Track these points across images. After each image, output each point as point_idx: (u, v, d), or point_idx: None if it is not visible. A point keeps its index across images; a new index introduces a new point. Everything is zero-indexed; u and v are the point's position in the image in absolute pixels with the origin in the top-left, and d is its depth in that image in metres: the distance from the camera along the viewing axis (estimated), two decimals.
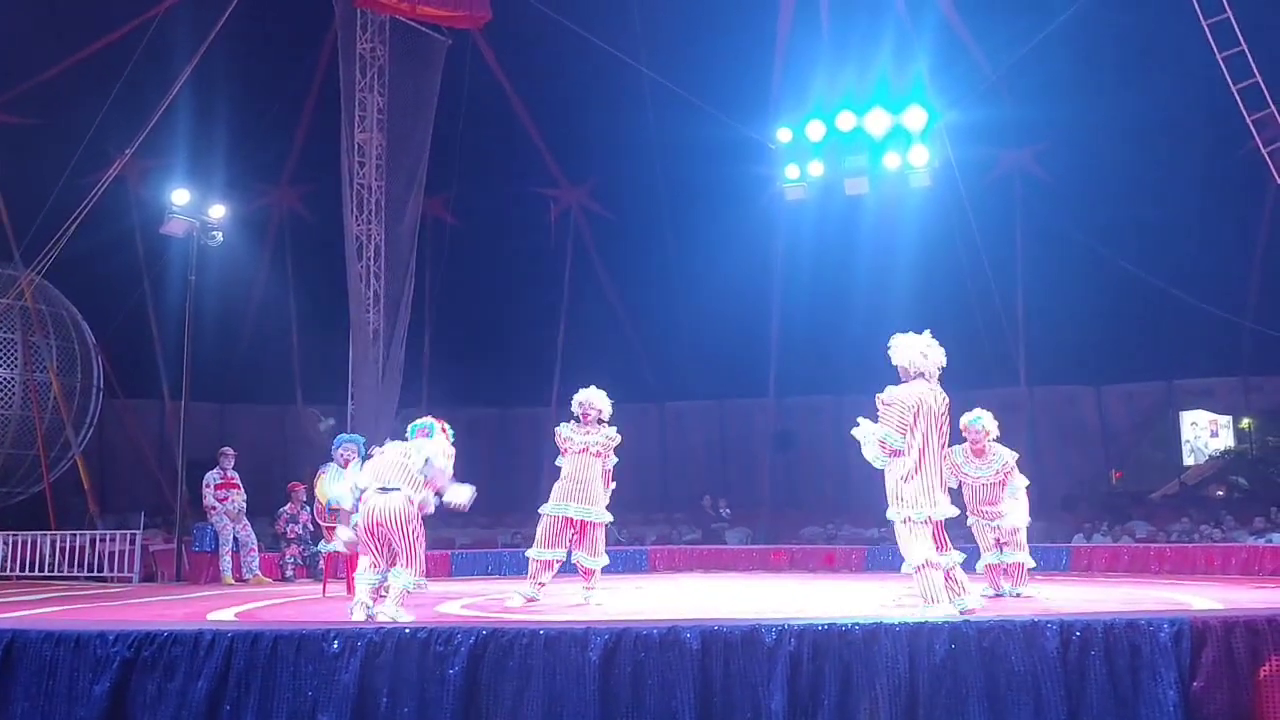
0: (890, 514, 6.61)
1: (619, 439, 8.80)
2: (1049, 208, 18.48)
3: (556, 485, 8.66)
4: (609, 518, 8.81)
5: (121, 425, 18.98)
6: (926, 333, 6.87)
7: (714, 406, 22.56)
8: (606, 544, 9.02)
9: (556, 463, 8.86)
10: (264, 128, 18.12)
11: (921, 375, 6.71)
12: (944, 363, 6.81)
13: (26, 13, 15.50)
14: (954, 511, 6.70)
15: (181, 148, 16.34)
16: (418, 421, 7.50)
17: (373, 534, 6.86)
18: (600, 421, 8.78)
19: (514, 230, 21.14)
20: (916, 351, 6.75)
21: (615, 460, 8.82)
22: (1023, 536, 9.06)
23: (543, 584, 8.58)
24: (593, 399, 8.79)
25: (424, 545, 6.95)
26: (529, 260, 21.40)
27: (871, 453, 6.59)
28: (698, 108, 16.78)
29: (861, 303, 18.00)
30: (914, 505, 6.46)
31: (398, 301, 16.31)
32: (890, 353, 6.88)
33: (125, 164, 14.35)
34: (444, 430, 7.45)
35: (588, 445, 8.60)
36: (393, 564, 6.85)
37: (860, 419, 6.74)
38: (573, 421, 8.79)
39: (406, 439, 7.35)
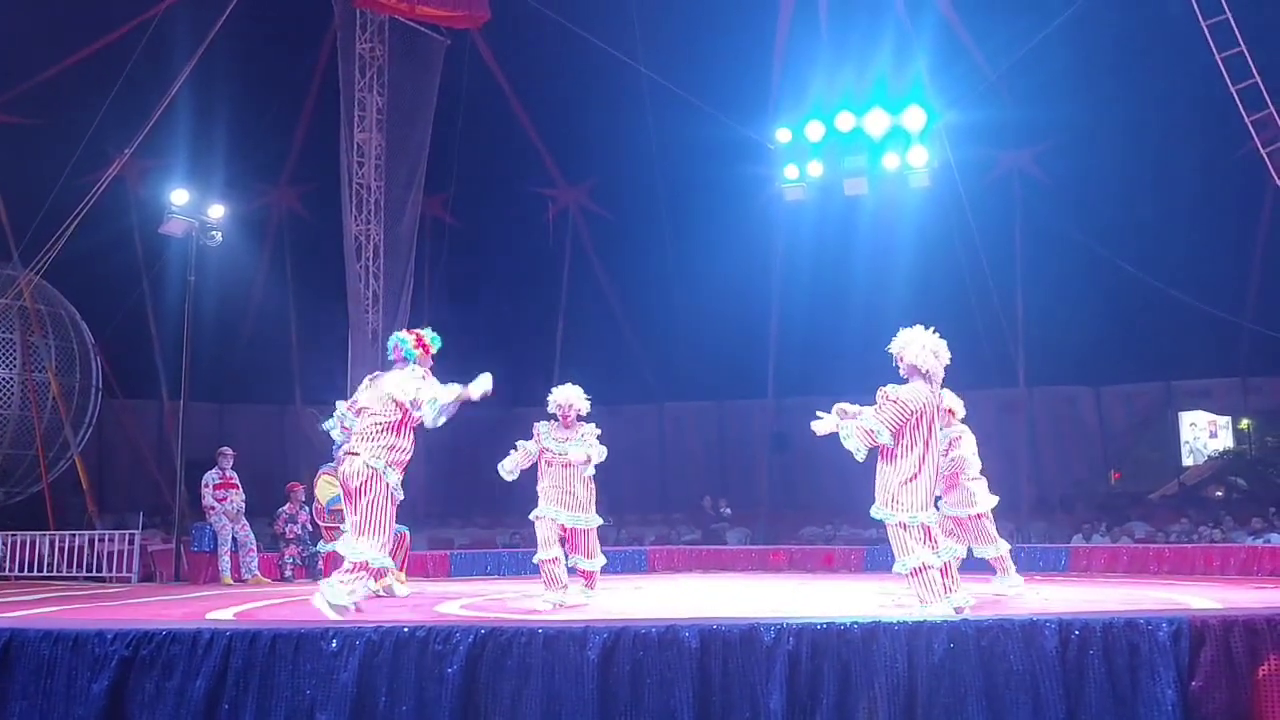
0: (883, 514, 6.51)
1: (598, 431, 8.61)
2: (1048, 208, 18.50)
3: (543, 490, 8.49)
4: (599, 520, 8.68)
5: (120, 425, 18.99)
6: (932, 330, 6.73)
7: (713, 407, 22.59)
8: (606, 545, 8.94)
9: (517, 444, 8.58)
10: (263, 128, 18.12)
11: (928, 376, 6.59)
12: (948, 362, 6.73)
13: (26, 13, 15.49)
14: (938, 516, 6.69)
15: (181, 148, 16.34)
16: (390, 339, 7.22)
17: (348, 498, 6.71)
18: (580, 419, 8.60)
19: (513, 230, 21.17)
20: (929, 352, 6.61)
21: (602, 450, 8.54)
22: (991, 525, 8.86)
23: (565, 585, 8.40)
24: (571, 399, 8.58)
25: (385, 515, 6.61)
26: (528, 260, 21.43)
27: (854, 444, 6.46)
28: (697, 108, 16.80)
29: (860, 303, 18.00)
30: (911, 510, 6.43)
31: (397, 301, 16.31)
32: (899, 348, 6.70)
33: (124, 164, 14.36)
34: (420, 344, 7.13)
35: (570, 460, 8.42)
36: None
37: (820, 413, 6.63)
38: (552, 421, 8.61)
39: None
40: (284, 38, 17.67)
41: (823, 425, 6.62)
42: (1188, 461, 21.38)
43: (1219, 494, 20.00)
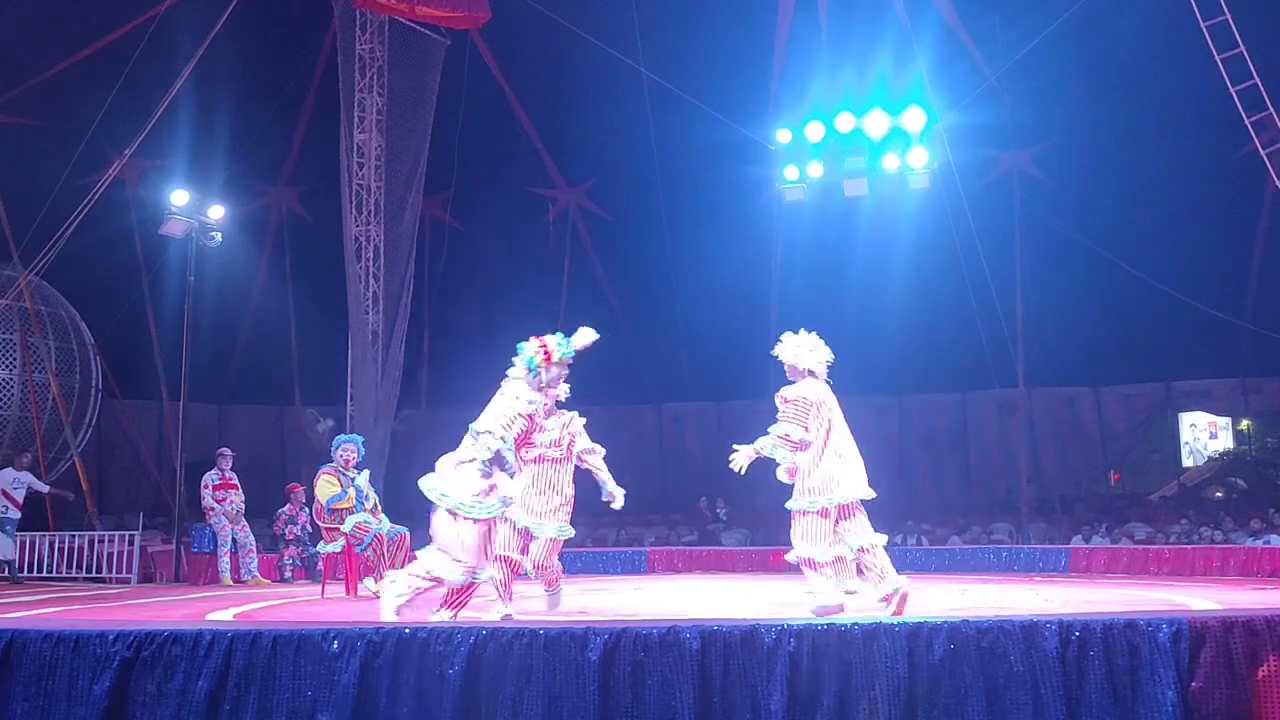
0: (800, 504, 6.71)
1: (584, 420, 7.51)
2: (1048, 209, 18.51)
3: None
4: (554, 534, 7.33)
5: (120, 426, 18.99)
6: (813, 334, 7.11)
7: (711, 408, 22.59)
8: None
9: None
10: (263, 128, 18.13)
11: (811, 373, 6.91)
12: (831, 359, 7.02)
13: (26, 12, 15.50)
14: (860, 494, 6.70)
15: (180, 148, 16.35)
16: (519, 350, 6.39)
17: None
18: (558, 405, 7.27)
19: (512, 231, 21.15)
20: (805, 350, 6.97)
21: (600, 450, 7.41)
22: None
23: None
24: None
25: (459, 546, 5.88)
26: (527, 261, 21.42)
27: (780, 454, 6.75)
28: (697, 108, 16.81)
29: (860, 304, 18.01)
30: (827, 493, 6.58)
31: (397, 302, 16.31)
32: (780, 353, 7.05)
33: (124, 164, 14.35)
34: (544, 350, 6.38)
35: (543, 453, 7.23)
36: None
37: (736, 446, 6.81)
38: None
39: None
40: (284, 38, 17.67)
41: (742, 458, 6.79)
42: (1188, 462, 21.38)
43: (1219, 495, 20.00)
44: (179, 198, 13.97)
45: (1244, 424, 20.78)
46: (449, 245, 20.49)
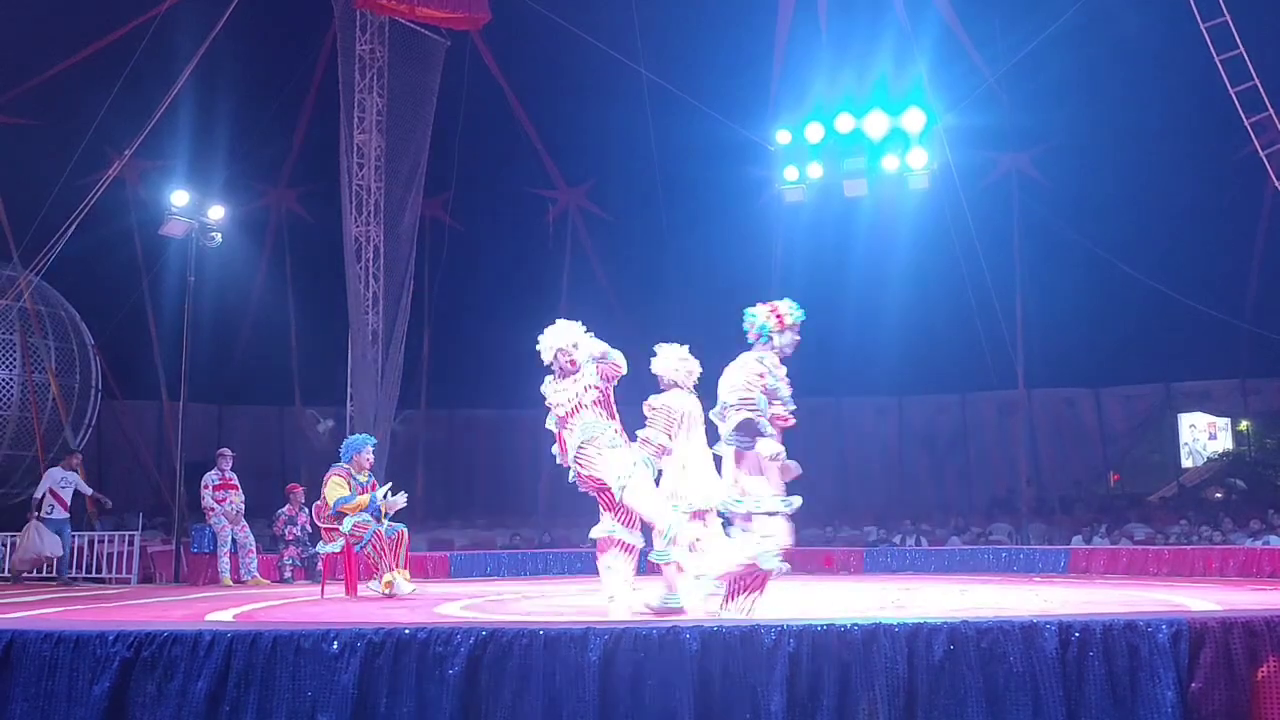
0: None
1: (619, 365, 7.07)
2: (1047, 210, 18.52)
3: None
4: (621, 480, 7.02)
5: (120, 426, 18.99)
6: (685, 347, 7.59)
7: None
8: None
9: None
10: (263, 128, 18.14)
11: (677, 385, 7.39)
12: (699, 373, 7.46)
13: (26, 12, 15.50)
14: (706, 503, 7.08)
15: (181, 148, 16.36)
16: (745, 314, 6.36)
17: None
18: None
19: (512, 232, 21.17)
20: (674, 362, 7.47)
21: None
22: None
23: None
24: (573, 337, 7.08)
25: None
26: (527, 262, 21.43)
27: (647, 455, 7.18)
28: (697, 109, 16.81)
29: (860, 305, 18.00)
30: (692, 499, 7.13)
31: (397, 302, 16.31)
32: (655, 364, 7.53)
33: (124, 164, 14.35)
34: (774, 316, 6.48)
35: (581, 400, 7.01)
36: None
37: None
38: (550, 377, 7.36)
39: None
40: (284, 38, 17.68)
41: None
42: (1187, 463, 21.39)
43: (1218, 496, 20.00)
44: (179, 198, 13.97)
45: (1243, 425, 20.78)
46: (449, 245, 20.48)
